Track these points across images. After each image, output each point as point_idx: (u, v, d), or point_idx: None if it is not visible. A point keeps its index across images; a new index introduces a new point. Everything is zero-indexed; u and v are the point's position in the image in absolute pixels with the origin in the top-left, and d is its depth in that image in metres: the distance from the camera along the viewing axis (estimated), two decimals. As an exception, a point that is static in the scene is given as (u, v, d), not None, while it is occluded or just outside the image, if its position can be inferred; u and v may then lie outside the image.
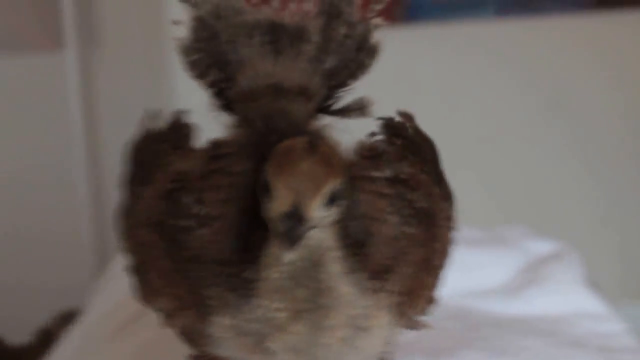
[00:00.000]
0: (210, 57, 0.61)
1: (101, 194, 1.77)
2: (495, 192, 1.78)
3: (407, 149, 0.60)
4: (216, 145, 0.59)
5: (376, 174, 0.58)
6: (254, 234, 0.54)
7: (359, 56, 0.62)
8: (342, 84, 0.61)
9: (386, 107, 0.62)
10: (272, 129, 0.58)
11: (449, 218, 0.61)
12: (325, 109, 0.62)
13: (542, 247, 1.10)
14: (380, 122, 0.61)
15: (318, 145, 0.52)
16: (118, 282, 1.05)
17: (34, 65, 1.72)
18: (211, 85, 0.62)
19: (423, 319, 0.60)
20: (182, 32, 0.61)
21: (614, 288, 1.51)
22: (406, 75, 1.68)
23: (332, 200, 0.51)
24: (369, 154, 0.59)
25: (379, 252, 0.55)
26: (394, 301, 0.56)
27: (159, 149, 0.61)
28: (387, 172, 0.58)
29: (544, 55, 1.73)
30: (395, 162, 0.59)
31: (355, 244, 0.55)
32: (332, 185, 0.51)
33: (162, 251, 0.58)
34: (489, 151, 1.77)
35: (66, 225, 1.70)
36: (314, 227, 0.51)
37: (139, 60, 1.79)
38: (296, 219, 0.50)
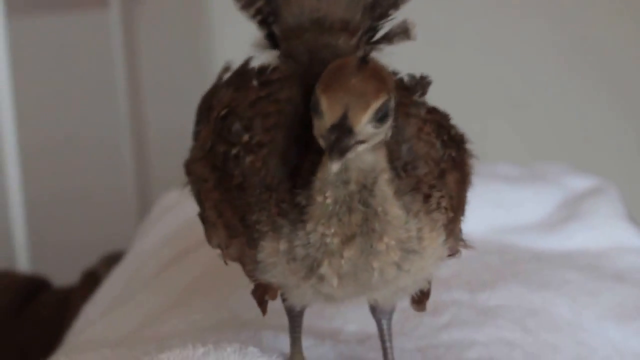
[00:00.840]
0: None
1: (144, 149, 1.79)
2: (531, 131, 1.78)
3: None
4: (263, 70, 0.61)
5: (420, 100, 0.60)
6: (303, 161, 0.55)
7: None
8: (385, 15, 0.62)
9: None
10: (317, 61, 0.59)
11: (467, 146, 0.64)
12: (369, 40, 0.62)
13: (581, 182, 1.10)
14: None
15: (368, 62, 0.52)
16: (160, 225, 1.07)
17: (78, 22, 1.73)
18: (257, 15, 0.63)
19: (465, 242, 0.63)
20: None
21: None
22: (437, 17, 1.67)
23: (382, 117, 0.52)
24: (403, 85, 0.61)
25: (429, 173, 0.57)
26: (445, 219, 0.58)
27: (224, 92, 0.63)
28: (423, 101, 0.61)
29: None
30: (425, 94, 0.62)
31: (405, 165, 0.56)
32: (382, 100, 0.52)
33: (213, 182, 0.60)
34: (523, 91, 1.76)
35: (111, 178, 1.74)
36: (363, 142, 0.52)
37: (180, 17, 1.80)
38: (344, 130, 0.50)
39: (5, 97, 1.54)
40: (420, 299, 0.65)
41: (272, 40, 0.63)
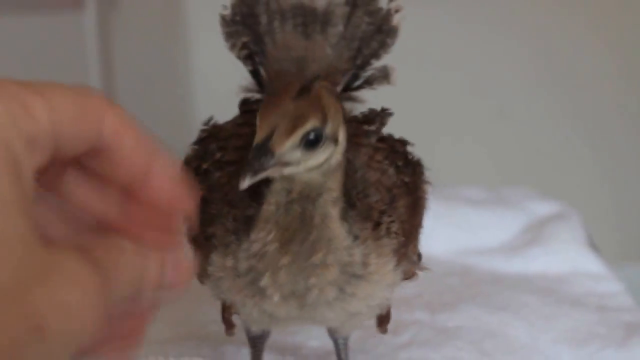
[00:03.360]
0: (246, 31, 0.64)
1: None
2: (494, 154, 1.80)
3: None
4: (246, 101, 0.65)
5: (369, 128, 0.63)
6: (264, 184, 0.57)
7: (381, 37, 0.65)
8: (366, 63, 0.64)
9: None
10: None
11: (423, 171, 0.66)
12: (350, 86, 0.64)
13: (544, 208, 1.12)
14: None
15: (312, 89, 0.54)
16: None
17: (53, 23, 1.73)
18: (243, 50, 0.64)
19: (420, 265, 0.65)
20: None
21: (611, 250, 1.54)
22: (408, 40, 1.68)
23: (312, 143, 0.53)
24: (362, 119, 0.64)
25: (380, 200, 0.59)
26: (396, 244, 0.59)
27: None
28: (378, 130, 0.64)
29: (535, 15, 1.73)
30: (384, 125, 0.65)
31: (357, 194, 0.58)
32: (311, 126, 0.53)
33: None
34: (487, 115, 1.78)
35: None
36: (287, 164, 0.53)
37: (157, 22, 1.80)
38: (264, 151, 0.52)
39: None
40: (380, 322, 0.66)
41: (257, 78, 0.65)
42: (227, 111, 0.68)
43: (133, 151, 0.36)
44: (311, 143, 0.53)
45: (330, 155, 0.55)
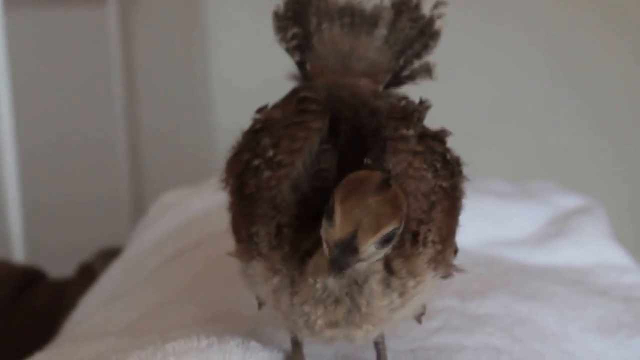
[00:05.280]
0: (296, 27, 0.66)
1: (138, 148, 1.81)
2: (519, 151, 1.81)
3: None
4: (304, 100, 0.63)
5: (407, 132, 0.61)
6: (313, 197, 0.58)
7: (424, 39, 0.67)
8: (409, 63, 0.66)
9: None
10: (334, 98, 0.63)
11: (461, 170, 0.66)
12: (392, 84, 0.66)
13: (569, 201, 1.13)
14: None
15: (390, 184, 0.54)
16: (161, 222, 1.10)
17: (75, 18, 1.75)
18: (292, 40, 0.66)
19: (456, 264, 0.65)
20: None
21: (631, 244, 1.55)
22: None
23: (386, 241, 0.54)
24: (400, 115, 0.63)
25: (418, 208, 0.59)
26: (433, 252, 0.60)
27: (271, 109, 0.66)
28: (417, 129, 0.62)
29: (551, 12, 1.74)
30: (422, 120, 0.64)
31: None
32: (393, 227, 0.53)
33: (233, 186, 0.64)
34: (504, 109, 1.79)
35: (105, 176, 1.75)
36: (362, 260, 0.54)
37: (177, 18, 1.82)
38: (350, 249, 0.52)
39: (3, 93, 1.55)
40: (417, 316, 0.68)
41: (302, 70, 0.66)
42: (245, 107, 0.68)
43: None
44: (385, 241, 0.54)
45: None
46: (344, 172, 0.56)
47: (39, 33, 1.72)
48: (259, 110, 0.66)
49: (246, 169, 0.61)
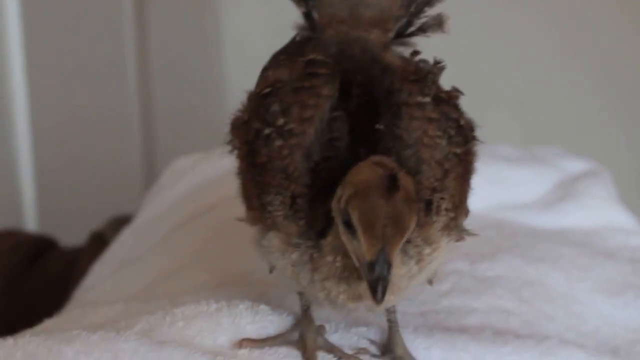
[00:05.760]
0: None
1: (150, 117, 1.81)
2: (528, 120, 1.81)
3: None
4: (312, 63, 0.62)
5: (424, 99, 0.61)
6: (326, 165, 0.58)
7: None
8: (420, 11, 0.65)
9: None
10: (346, 55, 0.62)
11: (474, 135, 0.65)
12: (403, 33, 0.65)
13: (576, 165, 1.13)
14: None
15: (398, 180, 0.54)
16: (171, 189, 1.11)
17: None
18: (298, 0, 0.66)
19: (468, 228, 0.66)
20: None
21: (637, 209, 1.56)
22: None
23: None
24: (415, 77, 0.62)
25: (431, 175, 0.59)
26: (447, 219, 0.60)
27: (277, 59, 0.66)
28: (432, 94, 0.62)
29: None
30: (437, 82, 0.63)
31: (408, 172, 0.58)
32: (413, 227, 0.55)
33: (243, 152, 0.63)
34: (511, 77, 1.79)
35: (117, 145, 1.75)
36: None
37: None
38: (384, 266, 0.53)
39: (16, 64, 1.55)
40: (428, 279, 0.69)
41: (309, 20, 0.65)
42: (258, 73, 0.67)
43: None
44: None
45: None
46: (355, 141, 0.57)
47: (53, 7, 1.72)
48: (265, 70, 0.66)
49: (257, 138, 0.61)
